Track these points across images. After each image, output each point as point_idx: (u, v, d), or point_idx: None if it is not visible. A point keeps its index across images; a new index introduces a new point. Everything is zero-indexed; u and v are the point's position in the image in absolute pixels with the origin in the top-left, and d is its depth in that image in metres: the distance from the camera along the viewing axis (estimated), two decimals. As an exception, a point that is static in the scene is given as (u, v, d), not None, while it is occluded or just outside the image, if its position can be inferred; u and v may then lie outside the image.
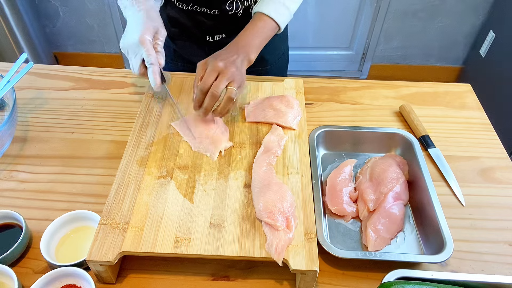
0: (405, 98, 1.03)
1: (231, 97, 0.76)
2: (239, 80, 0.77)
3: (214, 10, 0.96)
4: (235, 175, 0.76)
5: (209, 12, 0.96)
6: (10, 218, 0.71)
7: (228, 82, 0.76)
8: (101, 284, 0.67)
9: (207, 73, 0.76)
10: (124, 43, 0.80)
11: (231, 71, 0.76)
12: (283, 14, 0.87)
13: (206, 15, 0.98)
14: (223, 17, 0.98)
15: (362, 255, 0.67)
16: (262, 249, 0.64)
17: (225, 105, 0.77)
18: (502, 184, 0.84)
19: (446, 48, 2.52)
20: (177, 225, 0.67)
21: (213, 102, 0.77)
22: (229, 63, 0.77)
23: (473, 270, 0.70)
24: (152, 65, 0.78)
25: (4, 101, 0.89)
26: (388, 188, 0.77)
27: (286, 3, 0.87)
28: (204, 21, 1.00)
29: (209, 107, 0.77)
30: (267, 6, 0.86)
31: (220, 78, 0.76)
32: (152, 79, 0.78)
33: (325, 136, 0.88)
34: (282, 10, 0.87)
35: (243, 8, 0.96)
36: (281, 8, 0.87)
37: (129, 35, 0.79)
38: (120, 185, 0.72)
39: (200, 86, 0.76)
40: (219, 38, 1.04)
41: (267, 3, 0.86)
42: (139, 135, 0.82)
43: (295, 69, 2.62)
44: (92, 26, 2.44)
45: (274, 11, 0.86)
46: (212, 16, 0.97)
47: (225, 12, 0.96)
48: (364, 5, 2.35)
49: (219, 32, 1.03)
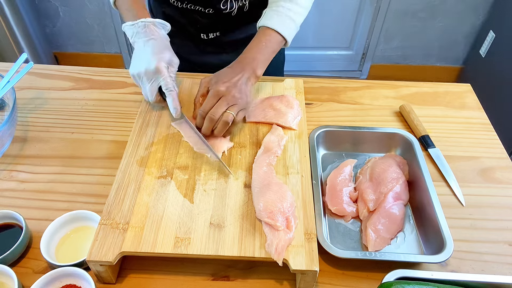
0: (405, 98, 1.03)
1: (227, 121, 0.76)
2: (241, 103, 0.78)
3: (208, 9, 0.96)
4: (235, 175, 0.76)
5: (204, 11, 0.97)
6: (10, 218, 0.71)
7: (227, 106, 0.76)
8: (101, 284, 0.67)
9: (208, 99, 0.78)
10: (137, 70, 0.79)
11: (232, 95, 0.77)
12: (289, 27, 0.85)
13: (201, 13, 0.98)
14: (217, 16, 0.98)
15: (362, 255, 0.67)
16: (262, 249, 0.64)
17: (220, 128, 0.77)
18: (502, 184, 0.84)
19: (446, 48, 2.52)
20: (177, 225, 0.67)
21: (211, 125, 0.77)
22: (231, 87, 0.77)
23: (473, 270, 0.70)
24: (171, 92, 0.79)
25: (4, 101, 0.89)
26: (388, 188, 0.77)
27: (291, 16, 0.85)
28: (199, 19, 1.00)
29: (207, 131, 0.78)
30: (271, 19, 0.85)
31: (220, 102, 0.76)
32: (172, 106, 0.79)
33: (325, 136, 0.88)
34: (288, 23, 0.85)
35: (237, 7, 0.97)
36: (286, 21, 0.85)
37: (142, 62, 0.78)
38: (120, 185, 0.72)
39: (200, 111, 0.78)
40: (214, 36, 1.04)
41: (272, 17, 0.85)
42: (139, 135, 0.82)
43: (295, 69, 2.62)
44: (92, 26, 2.44)
45: (279, 25, 0.84)
46: (206, 14, 0.98)
47: (219, 11, 0.96)
48: (364, 5, 2.35)
49: (214, 30, 1.03)
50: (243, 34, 1.05)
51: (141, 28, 0.80)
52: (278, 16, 0.85)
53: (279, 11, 0.85)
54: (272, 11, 0.86)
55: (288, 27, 0.85)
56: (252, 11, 0.99)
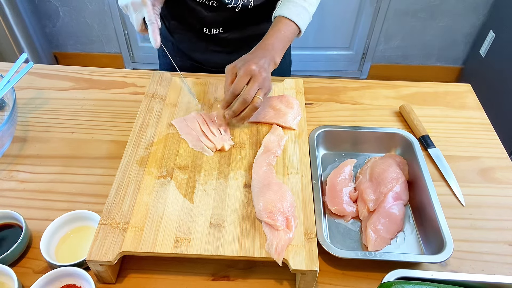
0: (405, 98, 1.03)
1: (256, 106, 0.78)
2: (267, 87, 0.79)
3: (212, 1, 0.96)
4: (235, 175, 0.76)
5: (208, 3, 0.97)
6: (10, 218, 0.71)
7: (258, 88, 0.77)
8: (101, 284, 0.67)
9: (240, 77, 0.78)
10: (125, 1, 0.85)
11: (263, 77, 0.78)
12: (304, 18, 0.88)
13: (205, 6, 0.98)
14: (222, 10, 0.98)
15: (362, 255, 0.67)
16: (262, 249, 0.64)
17: (249, 112, 0.79)
18: (502, 184, 0.84)
19: (446, 48, 2.52)
20: (177, 225, 0.67)
21: (243, 106, 0.78)
22: (261, 68, 0.78)
23: (473, 270, 0.70)
24: (152, 24, 0.83)
25: (4, 101, 0.89)
26: (388, 188, 0.77)
27: (306, 7, 0.88)
28: (203, 12, 1.00)
29: (237, 111, 0.79)
30: (288, 9, 0.87)
31: (252, 83, 0.77)
32: (152, 37, 0.84)
33: (325, 136, 0.88)
34: (303, 13, 0.88)
35: (241, 3, 0.97)
36: (302, 11, 0.88)
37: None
38: (120, 185, 0.72)
39: (232, 89, 0.78)
40: (216, 32, 1.04)
41: (288, 7, 0.87)
42: (139, 135, 0.82)
43: (295, 69, 2.59)
44: (92, 26, 2.44)
45: (296, 15, 0.87)
46: (211, 7, 0.98)
47: (224, 4, 0.96)
48: (364, 5, 2.35)
49: (217, 25, 1.03)
50: (245, 33, 1.05)
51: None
52: (294, 7, 0.87)
53: (295, 2, 0.88)
54: (288, 2, 0.88)
55: (304, 17, 0.88)
56: (256, 10, 0.99)
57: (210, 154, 0.79)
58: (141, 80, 1.04)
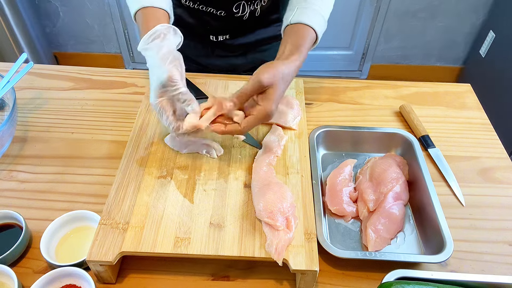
0: (405, 98, 1.03)
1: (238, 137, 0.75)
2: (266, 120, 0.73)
3: (220, 11, 0.96)
4: (235, 175, 0.76)
5: (216, 13, 0.96)
6: (10, 218, 0.71)
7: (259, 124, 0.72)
8: (101, 284, 0.67)
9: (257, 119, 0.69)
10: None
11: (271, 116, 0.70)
12: (322, 26, 0.82)
13: (212, 15, 0.98)
14: (229, 19, 0.98)
15: (362, 255, 0.67)
16: (262, 249, 0.64)
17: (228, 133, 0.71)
18: (502, 184, 0.84)
19: (446, 48, 2.52)
20: (177, 225, 0.67)
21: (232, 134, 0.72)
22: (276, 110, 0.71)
23: (473, 270, 0.70)
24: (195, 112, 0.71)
25: (4, 101, 0.89)
26: (388, 188, 0.77)
27: (324, 15, 0.82)
28: (210, 21, 1.00)
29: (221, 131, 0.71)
30: (308, 17, 0.79)
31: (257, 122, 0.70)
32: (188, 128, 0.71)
33: (325, 136, 0.88)
34: (322, 22, 0.82)
35: (249, 11, 0.96)
36: (321, 20, 0.81)
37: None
38: (120, 185, 0.72)
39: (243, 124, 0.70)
40: (223, 38, 1.04)
41: (308, 15, 0.80)
42: (139, 135, 0.82)
43: (295, 69, 2.61)
44: (92, 26, 2.44)
45: (317, 25, 0.80)
46: (218, 17, 0.97)
47: (231, 14, 0.96)
48: (364, 5, 2.35)
49: (224, 33, 1.03)
50: (251, 39, 1.05)
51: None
52: (314, 16, 0.80)
53: (314, 9, 0.81)
54: (305, 8, 0.81)
55: (323, 26, 0.82)
56: (263, 16, 0.98)
57: (214, 156, 0.78)
58: (141, 80, 1.04)
